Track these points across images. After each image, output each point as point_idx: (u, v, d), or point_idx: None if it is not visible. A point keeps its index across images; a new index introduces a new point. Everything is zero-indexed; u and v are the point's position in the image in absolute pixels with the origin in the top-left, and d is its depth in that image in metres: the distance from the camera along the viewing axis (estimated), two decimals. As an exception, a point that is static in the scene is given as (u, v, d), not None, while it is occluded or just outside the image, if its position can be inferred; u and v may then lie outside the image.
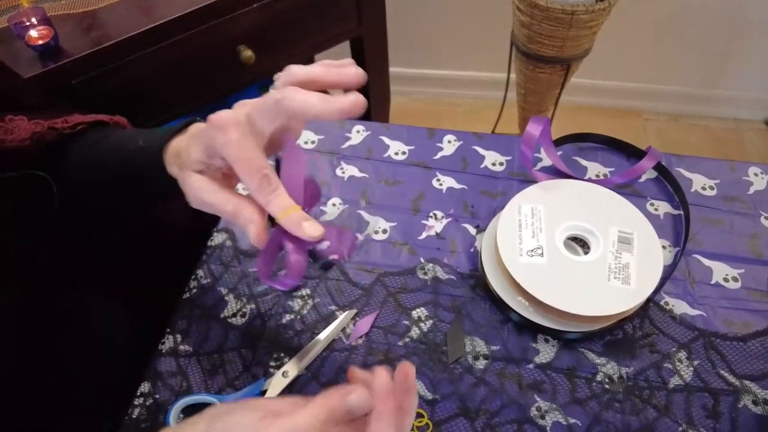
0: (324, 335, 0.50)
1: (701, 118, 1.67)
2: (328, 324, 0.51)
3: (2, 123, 0.43)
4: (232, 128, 0.32)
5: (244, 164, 0.32)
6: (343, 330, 0.51)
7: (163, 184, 0.38)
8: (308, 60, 1.17)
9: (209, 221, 0.61)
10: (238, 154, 0.32)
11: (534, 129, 0.56)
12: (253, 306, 0.53)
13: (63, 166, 0.46)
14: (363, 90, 0.33)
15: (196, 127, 0.39)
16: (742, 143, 1.61)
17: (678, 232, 0.57)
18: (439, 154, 0.65)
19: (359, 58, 1.16)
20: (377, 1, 1.06)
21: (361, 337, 0.51)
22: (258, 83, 1.10)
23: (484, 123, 1.50)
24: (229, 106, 0.35)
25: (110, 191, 0.46)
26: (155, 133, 0.41)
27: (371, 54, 1.15)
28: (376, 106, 1.26)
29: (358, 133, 0.68)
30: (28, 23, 0.77)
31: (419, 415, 0.46)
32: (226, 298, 0.54)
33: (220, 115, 0.33)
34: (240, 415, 0.31)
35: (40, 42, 0.77)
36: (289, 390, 0.48)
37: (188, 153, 0.35)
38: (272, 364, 0.49)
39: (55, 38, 0.78)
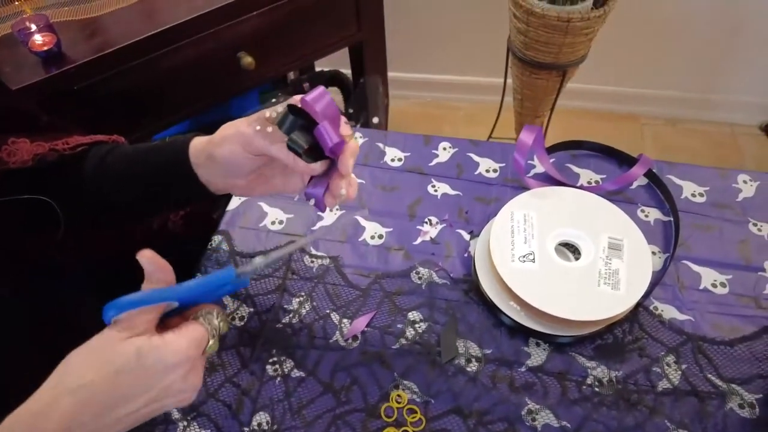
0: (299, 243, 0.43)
1: (698, 123, 1.68)
2: (326, 323, 0.53)
3: (6, 146, 0.46)
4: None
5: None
6: (339, 329, 0.52)
7: (187, 178, 0.43)
8: (307, 66, 1.19)
9: (201, 230, 0.63)
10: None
11: (527, 137, 0.57)
12: (251, 308, 0.54)
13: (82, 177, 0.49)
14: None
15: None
16: (738, 148, 1.62)
17: (668, 238, 0.58)
18: (435, 161, 0.66)
19: (359, 64, 1.18)
20: (376, 8, 1.08)
21: (356, 337, 0.52)
22: (259, 88, 1.11)
23: (483, 126, 1.51)
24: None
25: (137, 191, 0.48)
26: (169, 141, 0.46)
27: (370, 59, 1.16)
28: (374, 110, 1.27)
29: (355, 140, 0.69)
30: (31, 29, 0.78)
31: (412, 411, 0.47)
32: (224, 299, 0.55)
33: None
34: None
35: (44, 48, 0.78)
36: (286, 389, 0.49)
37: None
38: (270, 361, 0.50)
39: (58, 44, 0.79)
